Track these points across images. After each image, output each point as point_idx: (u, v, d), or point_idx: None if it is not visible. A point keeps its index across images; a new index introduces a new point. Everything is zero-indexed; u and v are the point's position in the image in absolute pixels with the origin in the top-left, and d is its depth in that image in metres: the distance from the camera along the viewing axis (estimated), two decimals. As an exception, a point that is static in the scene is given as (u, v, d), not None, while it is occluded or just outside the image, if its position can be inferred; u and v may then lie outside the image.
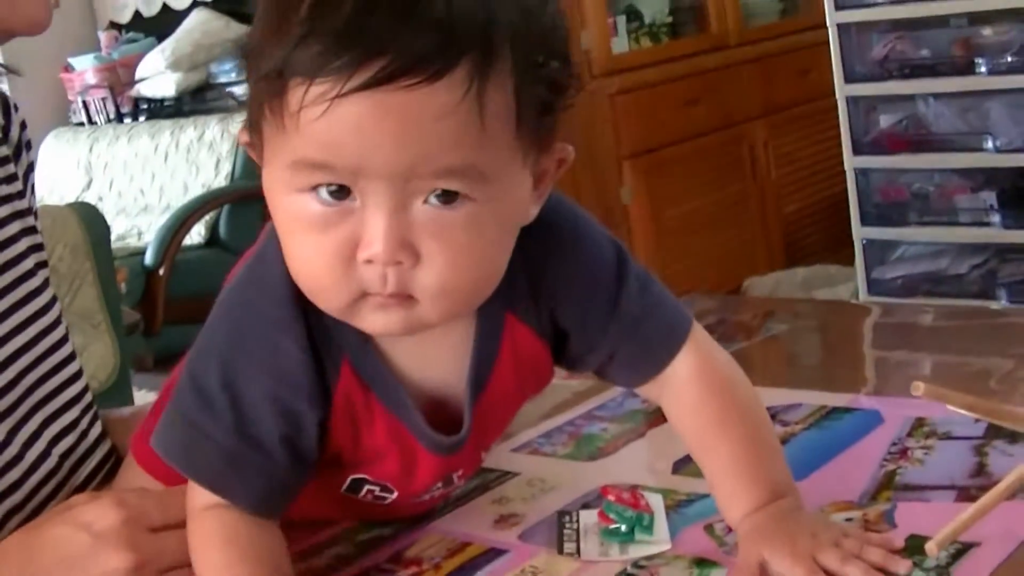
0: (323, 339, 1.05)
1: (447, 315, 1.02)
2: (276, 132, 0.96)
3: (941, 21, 3.76)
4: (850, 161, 3.90)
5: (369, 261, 0.96)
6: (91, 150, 5.98)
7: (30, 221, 1.43)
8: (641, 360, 1.17)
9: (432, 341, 1.07)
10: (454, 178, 0.94)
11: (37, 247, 1.42)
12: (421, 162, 0.93)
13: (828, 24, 3.87)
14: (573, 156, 1.05)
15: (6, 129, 1.42)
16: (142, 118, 6.08)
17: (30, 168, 1.45)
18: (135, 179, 5.82)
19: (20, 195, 1.42)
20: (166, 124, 5.83)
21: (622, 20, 4.85)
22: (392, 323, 1.01)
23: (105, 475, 1.40)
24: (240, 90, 5.83)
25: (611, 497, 1.22)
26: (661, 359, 1.16)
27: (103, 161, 5.94)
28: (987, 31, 3.69)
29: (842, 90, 3.87)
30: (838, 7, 3.85)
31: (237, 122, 5.42)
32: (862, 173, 3.90)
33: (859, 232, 3.93)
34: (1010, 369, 1.50)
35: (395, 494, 1.19)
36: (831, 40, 3.87)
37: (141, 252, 5.10)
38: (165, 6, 6.26)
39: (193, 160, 5.63)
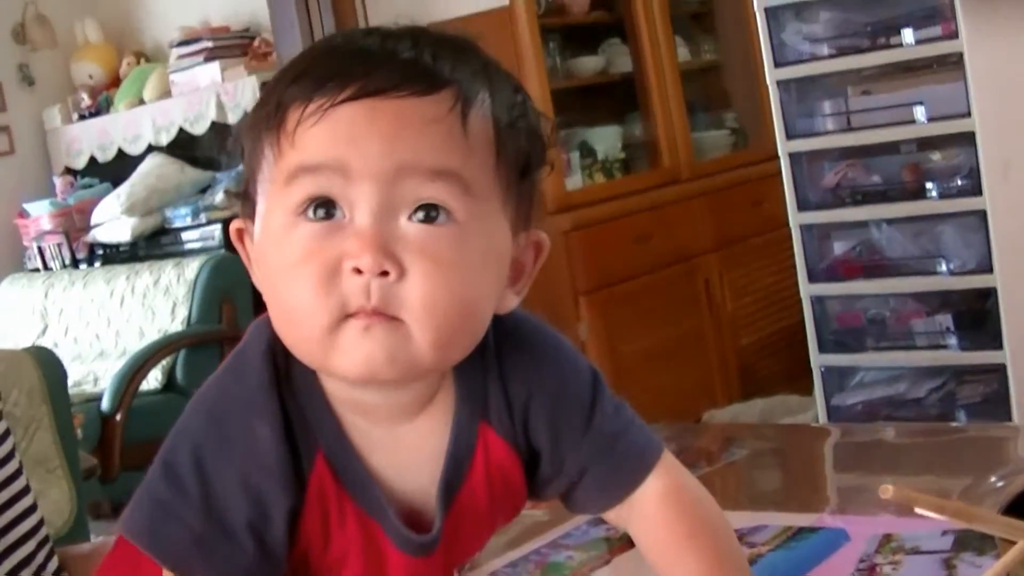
0: (300, 427, 1.05)
1: (434, 346, 1.00)
2: (273, 169, 1.00)
3: (891, 148, 3.81)
4: (806, 289, 3.92)
5: (355, 270, 0.96)
6: (46, 296, 5.97)
7: None
8: (612, 482, 1.15)
9: (407, 443, 1.08)
10: (440, 183, 0.98)
11: None
12: (410, 160, 0.97)
13: (780, 154, 3.91)
14: (548, 247, 1.09)
15: None
16: (97, 263, 6.08)
17: None
18: (91, 324, 5.81)
19: None
20: (121, 269, 5.83)
21: (576, 156, 4.90)
22: (376, 352, 0.99)
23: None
24: (194, 235, 5.85)
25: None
26: (632, 481, 1.14)
27: (58, 307, 5.92)
28: (936, 156, 3.75)
29: (795, 218, 3.91)
30: (789, 136, 3.90)
31: (192, 267, 5.44)
32: (818, 300, 3.93)
33: (817, 359, 3.95)
34: (969, 484, 1.49)
35: None
36: (783, 169, 3.91)
37: (97, 398, 5.07)
38: (120, 151, 6.29)
39: (149, 305, 5.62)
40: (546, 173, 1.09)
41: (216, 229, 5.73)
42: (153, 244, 6.03)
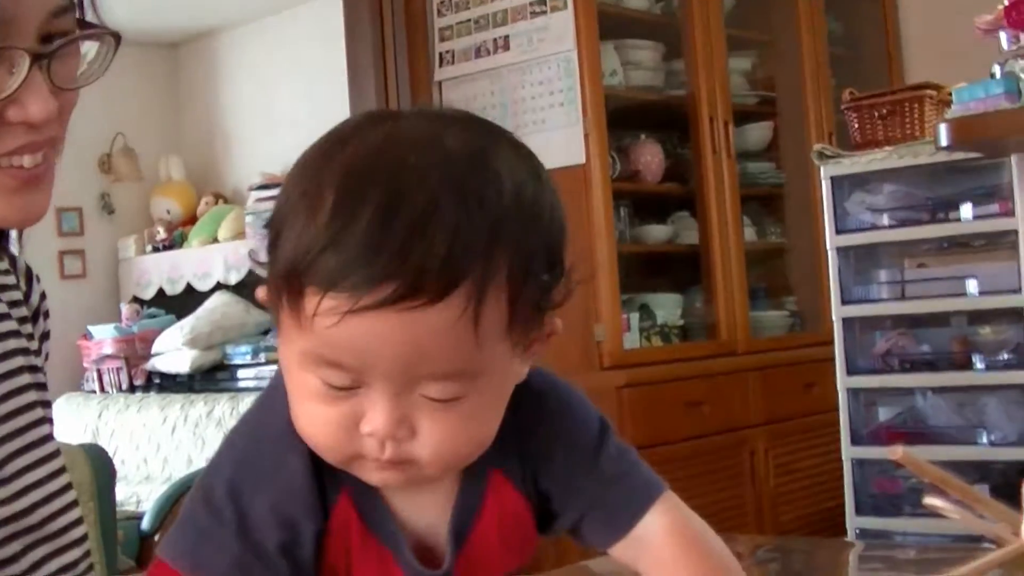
0: (327, 464, 1.10)
1: (444, 474, 1.11)
2: (291, 319, 1.03)
3: (942, 319, 3.87)
4: (848, 451, 3.95)
5: (370, 434, 1.04)
6: (100, 416, 6.05)
7: (41, 378, 1.49)
8: (614, 516, 1.20)
9: (423, 488, 1.13)
10: (450, 382, 1.03)
11: (45, 404, 1.48)
12: (420, 368, 1.02)
13: (833, 318, 3.98)
14: (561, 328, 1.11)
15: (27, 295, 1.51)
16: (153, 391, 6.15)
17: (46, 335, 1.53)
18: (140, 448, 5.86)
19: (36, 353, 1.49)
20: (177, 398, 5.90)
21: (635, 317, 4.96)
22: (390, 480, 1.09)
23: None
24: (250, 373, 5.93)
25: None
26: (633, 515, 1.19)
27: (110, 428, 5.99)
28: (985, 329, 3.80)
29: (843, 382, 3.95)
30: (844, 302, 3.96)
31: (247, 401, 5.49)
32: (858, 464, 3.95)
33: (853, 522, 3.96)
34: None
35: None
36: (835, 334, 3.97)
37: (138, 517, 5.10)
38: (189, 286, 6.41)
39: (200, 434, 5.68)
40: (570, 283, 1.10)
41: (273, 369, 5.79)
42: (209, 378, 6.10)
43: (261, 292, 1.07)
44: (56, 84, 1.23)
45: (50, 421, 1.48)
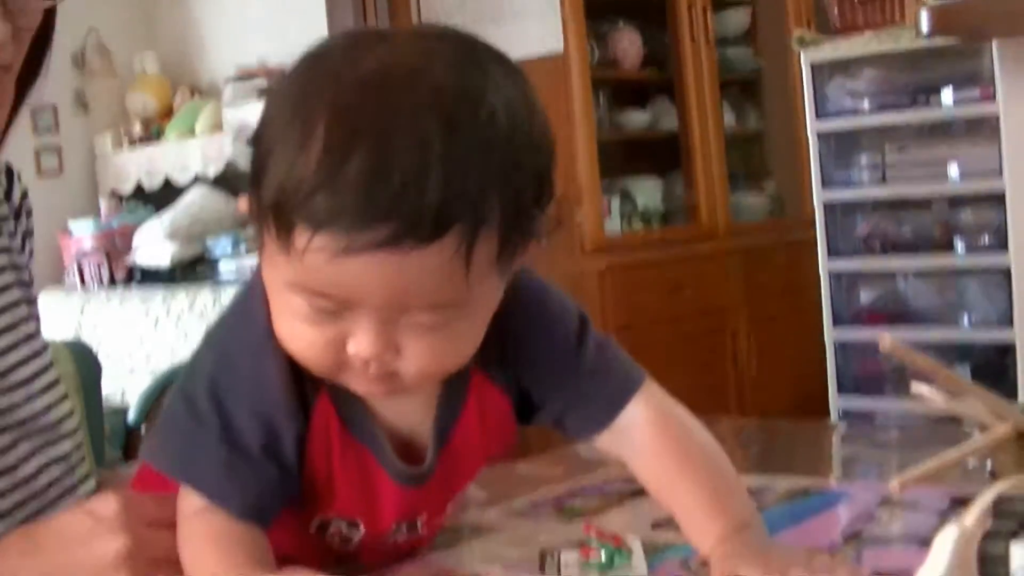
0: (306, 368, 1.12)
1: (427, 385, 1.15)
2: (277, 247, 1.03)
3: (923, 203, 3.88)
4: (830, 333, 3.99)
5: (356, 355, 1.06)
6: (82, 311, 6.03)
7: (25, 276, 1.50)
8: (595, 409, 1.23)
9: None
10: (438, 311, 1.04)
11: (30, 301, 1.49)
12: (412, 303, 1.03)
13: (815, 203, 3.99)
14: (544, 245, 1.12)
15: (8, 193, 1.51)
16: (134, 285, 6.13)
17: (29, 233, 1.53)
18: (123, 342, 5.85)
19: (19, 252, 1.50)
20: (158, 290, 5.88)
21: (616, 202, 4.97)
22: (374, 391, 1.12)
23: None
24: (231, 265, 5.91)
25: (592, 533, 1.27)
26: (614, 406, 1.22)
27: (93, 323, 5.98)
28: (966, 214, 3.82)
29: (825, 265, 3.97)
30: (825, 186, 3.98)
31: (228, 293, 5.50)
32: (841, 346, 3.99)
33: (836, 402, 4.00)
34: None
35: (361, 531, 1.24)
36: (817, 217, 3.99)
37: (124, 411, 5.12)
38: (167, 180, 6.37)
39: (183, 327, 5.66)
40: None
41: (254, 260, 5.76)
42: (190, 271, 6.08)
43: (243, 204, 1.07)
44: (7, 7, 1.23)
45: (36, 318, 1.49)
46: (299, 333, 1.06)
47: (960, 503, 1.36)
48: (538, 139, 1.07)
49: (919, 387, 1.11)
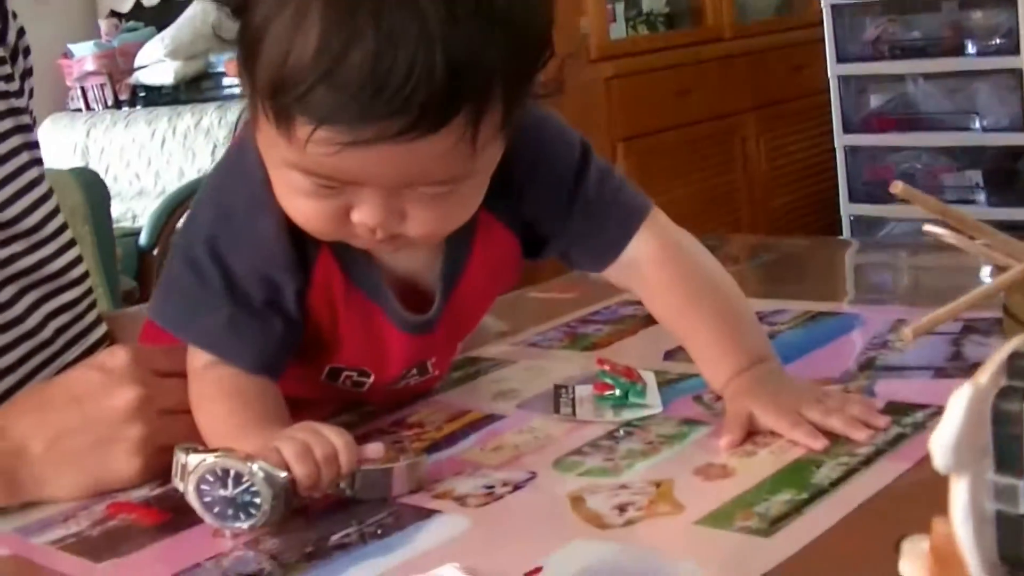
0: None
1: (433, 244, 1.14)
2: (276, 130, 0.99)
3: (933, 5, 3.82)
4: (840, 139, 3.96)
5: (360, 224, 1.04)
6: (88, 135, 6.01)
7: (25, 120, 1.48)
8: (600, 242, 1.22)
9: None
10: (445, 185, 1.03)
11: (32, 145, 1.48)
12: (414, 180, 1.01)
13: (823, 5, 3.93)
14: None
15: (3, 33, 1.48)
16: (139, 105, 6.10)
17: (28, 72, 1.51)
18: (131, 164, 5.84)
19: (17, 94, 1.48)
20: (164, 111, 5.85)
21: (620, 7, 4.91)
22: (380, 251, 1.12)
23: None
24: (235, 80, 5.87)
25: (607, 367, 1.27)
26: (620, 240, 1.21)
27: (100, 146, 5.96)
28: (977, 15, 3.76)
29: (834, 69, 3.94)
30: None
31: (234, 110, 5.47)
32: (851, 151, 3.97)
33: (847, 209, 3.99)
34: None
35: (371, 379, 1.24)
36: (825, 21, 3.93)
37: (135, 233, 5.12)
38: (165, -4, 6.30)
39: (189, 146, 5.65)
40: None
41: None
42: (194, 88, 6.04)
43: (232, 69, 1.04)
44: None
45: (39, 162, 1.48)
46: (300, 205, 1.05)
47: (971, 329, 1.36)
48: (539, 1, 1.03)
49: (932, 228, 1.10)
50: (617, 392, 1.24)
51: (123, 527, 1.08)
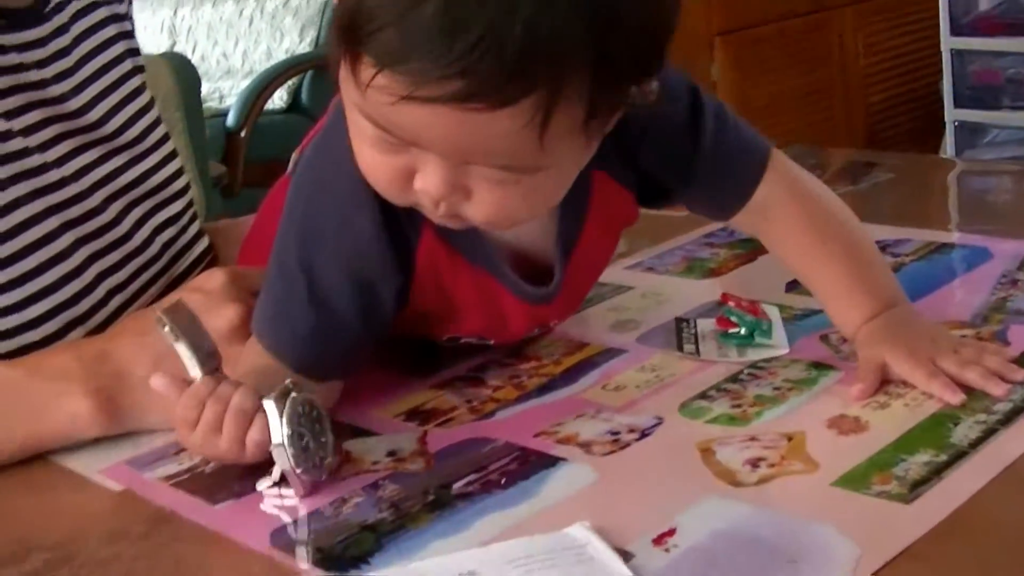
0: (401, 207, 1.04)
1: (503, 229, 1.06)
2: (346, 68, 0.94)
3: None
4: (947, 42, 3.86)
5: (422, 191, 0.97)
6: (175, 13, 5.99)
7: (127, 27, 1.46)
8: (725, 193, 1.18)
9: None
10: (509, 172, 0.95)
11: (133, 52, 1.45)
12: (476, 157, 0.94)
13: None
14: (656, 90, 0.99)
15: None
16: (227, -17, 6.07)
17: None
18: (219, 43, 5.82)
19: (126, 16, 1.46)
20: (251, -10, 5.82)
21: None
22: (452, 226, 1.03)
23: (202, 271, 1.43)
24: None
25: (731, 303, 1.24)
26: (744, 189, 1.17)
27: (187, 24, 5.94)
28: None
29: (944, -31, 3.84)
30: None
31: (322, -10, 5.42)
32: (957, 55, 3.87)
33: (952, 114, 3.91)
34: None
35: (491, 342, 1.22)
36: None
37: (223, 114, 5.10)
38: None
39: (278, 26, 5.62)
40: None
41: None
42: (283, -34, 6.00)
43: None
44: None
45: (140, 70, 1.46)
46: (368, 158, 0.99)
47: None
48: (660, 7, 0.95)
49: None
50: (742, 331, 1.21)
51: (237, 464, 1.06)
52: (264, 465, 1.01)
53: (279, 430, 0.99)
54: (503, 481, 0.99)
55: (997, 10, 3.88)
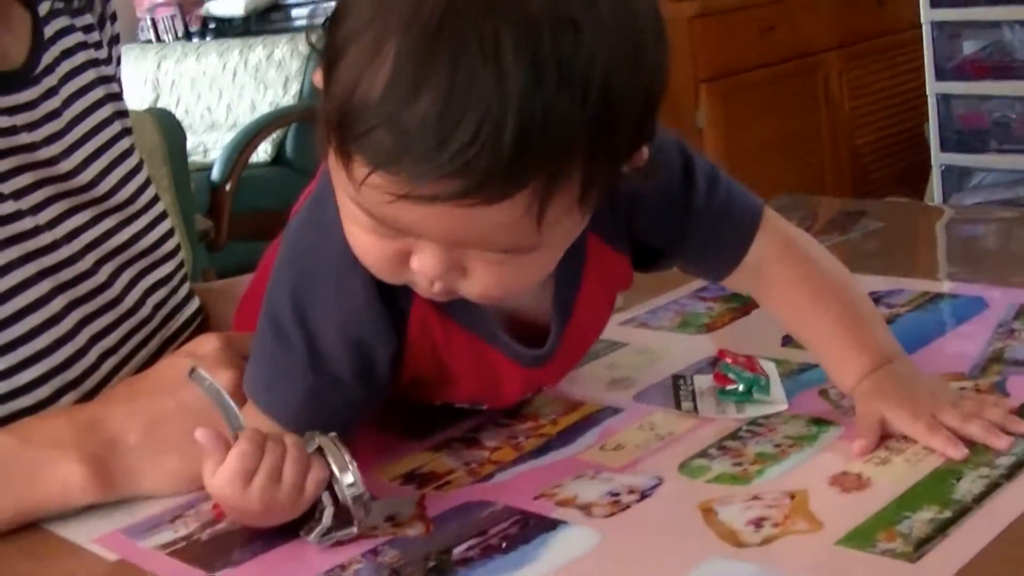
0: None
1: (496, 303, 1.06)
2: (338, 161, 0.92)
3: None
4: (932, 86, 3.88)
5: (419, 272, 0.96)
6: (159, 67, 5.99)
7: (115, 88, 1.46)
8: (717, 255, 1.18)
9: None
10: (505, 254, 0.94)
11: (122, 113, 1.45)
12: (475, 245, 0.93)
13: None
14: (647, 156, 0.99)
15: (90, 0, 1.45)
16: (209, 37, 6.08)
17: (115, 39, 1.48)
18: (202, 97, 5.82)
19: (106, 62, 1.45)
20: (235, 42, 5.82)
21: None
22: (443, 299, 1.02)
23: (193, 332, 1.43)
24: (304, 12, 5.83)
25: (728, 359, 1.23)
26: (738, 249, 1.16)
27: (171, 78, 5.94)
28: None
29: (927, 14, 3.85)
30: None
31: (305, 42, 5.42)
32: (943, 99, 3.88)
33: (938, 158, 3.92)
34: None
35: (485, 407, 1.21)
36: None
37: (207, 168, 5.09)
38: (237, -74, 6.24)
39: (261, 79, 5.62)
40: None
41: (329, 6, 5.68)
42: (265, 19, 6.01)
43: (318, 78, 0.94)
44: None
45: (129, 132, 1.45)
46: (362, 241, 0.97)
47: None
48: (646, 67, 0.93)
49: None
50: (740, 387, 1.20)
51: (233, 531, 1.05)
52: (280, 527, 1.01)
53: (344, 462, 1.00)
54: (503, 545, 0.98)
55: (982, 53, 3.90)
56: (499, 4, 0.86)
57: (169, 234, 1.45)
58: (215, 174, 5.00)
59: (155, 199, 1.44)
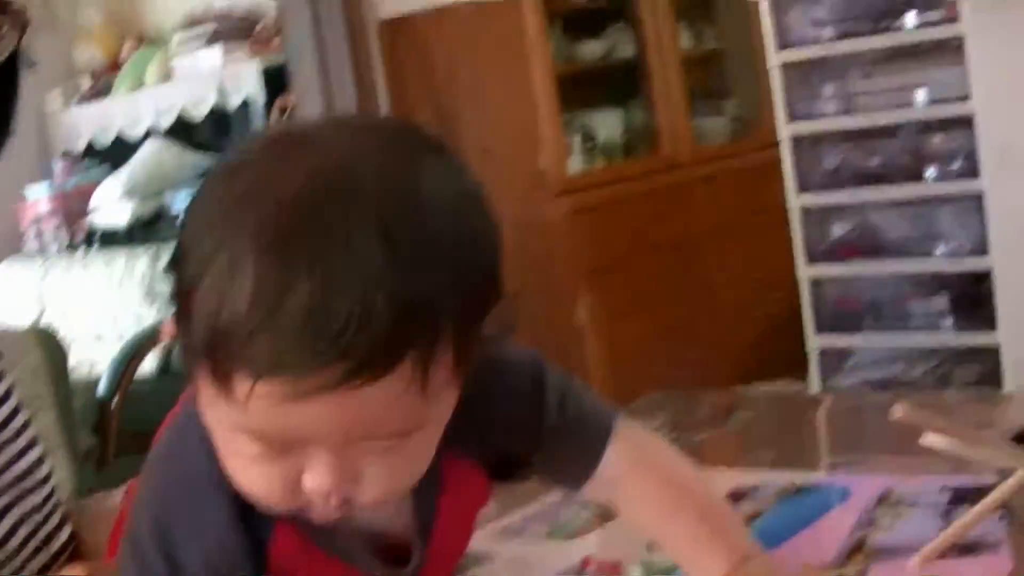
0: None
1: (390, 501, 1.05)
2: (215, 389, 0.92)
3: (891, 131, 3.84)
4: (804, 270, 3.96)
5: (314, 491, 0.96)
6: (44, 279, 5.96)
7: None
8: (572, 468, 1.18)
9: None
10: (397, 438, 0.95)
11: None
12: (366, 436, 0.94)
13: (781, 136, 3.95)
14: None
15: None
16: (95, 247, 6.06)
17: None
18: (88, 309, 5.79)
19: None
20: (120, 253, 5.81)
21: (577, 140, 4.93)
22: (333, 517, 1.01)
23: (64, 560, 1.40)
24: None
25: (593, 567, 1.23)
26: (590, 462, 1.17)
27: (56, 290, 5.91)
28: (935, 139, 3.78)
29: (796, 200, 3.94)
30: (791, 119, 3.93)
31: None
32: (815, 283, 3.97)
33: (814, 341, 3.98)
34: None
35: None
36: (784, 152, 3.95)
37: (94, 383, 5.05)
38: (119, 136, 6.28)
39: (148, 289, 5.61)
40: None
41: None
42: (150, 229, 6.01)
43: (169, 328, 0.95)
44: None
45: None
46: (249, 474, 0.97)
47: (961, 499, 1.33)
48: (484, 236, 0.98)
49: (930, 438, 1.06)
50: (606, 597, 1.20)
51: None
52: None
53: None
54: None
55: (851, 235, 3.99)
56: (341, 196, 0.90)
57: (40, 460, 1.43)
58: (101, 390, 4.94)
59: (26, 425, 1.43)
